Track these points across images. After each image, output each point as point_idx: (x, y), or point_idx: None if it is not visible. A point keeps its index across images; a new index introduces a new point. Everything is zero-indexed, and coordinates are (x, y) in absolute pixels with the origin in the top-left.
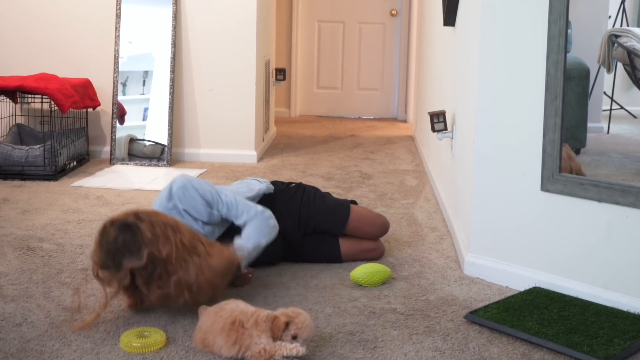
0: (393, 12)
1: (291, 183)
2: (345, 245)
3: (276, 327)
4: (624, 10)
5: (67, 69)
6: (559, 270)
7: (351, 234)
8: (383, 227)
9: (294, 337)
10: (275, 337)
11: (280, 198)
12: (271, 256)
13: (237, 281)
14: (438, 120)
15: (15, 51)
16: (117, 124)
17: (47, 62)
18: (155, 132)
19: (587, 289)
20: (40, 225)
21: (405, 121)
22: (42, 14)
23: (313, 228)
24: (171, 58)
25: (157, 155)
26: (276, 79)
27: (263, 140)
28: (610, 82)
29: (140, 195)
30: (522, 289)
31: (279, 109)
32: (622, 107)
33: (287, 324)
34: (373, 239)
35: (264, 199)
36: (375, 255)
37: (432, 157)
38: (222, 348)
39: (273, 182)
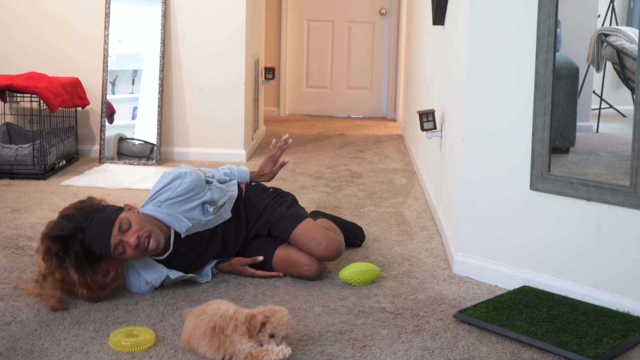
0: (382, 11)
1: (270, 188)
2: (280, 253)
3: (252, 326)
4: (613, 9)
5: (56, 68)
6: (548, 270)
7: (297, 247)
8: (327, 248)
9: (271, 336)
10: (251, 337)
11: (255, 190)
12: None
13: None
14: (427, 119)
15: (4, 50)
16: (107, 123)
17: (36, 61)
18: (145, 131)
19: (576, 288)
20: (30, 224)
21: (394, 120)
22: (31, 13)
23: (269, 228)
24: (160, 57)
25: (147, 154)
26: (265, 78)
27: (252, 139)
28: (599, 81)
29: (129, 194)
30: (511, 288)
31: (269, 108)
32: (611, 106)
33: (263, 324)
34: (319, 259)
35: (245, 193)
36: (306, 273)
37: (422, 156)
38: (206, 353)
39: (256, 184)
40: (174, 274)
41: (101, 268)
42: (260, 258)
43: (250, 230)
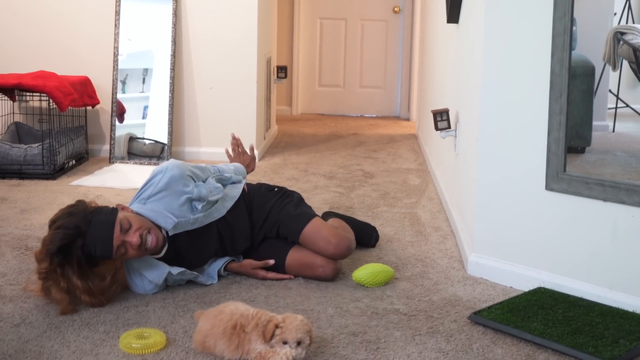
0: (396, 9)
1: (275, 187)
2: (294, 255)
3: (267, 330)
4: (629, 7)
5: (66, 67)
6: (564, 271)
7: (307, 247)
8: (337, 246)
9: (285, 342)
10: (266, 341)
11: (259, 191)
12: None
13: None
14: (441, 118)
15: (14, 49)
16: (117, 122)
17: (45, 59)
18: (155, 130)
19: (592, 290)
20: (39, 225)
21: (408, 119)
22: (40, 12)
23: (277, 230)
24: (171, 55)
25: (157, 154)
26: (277, 77)
27: (264, 138)
28: (615, 80)
29: None
30: (526, 290)
31: (281, 107)
32: (627, 105)
33: (277, 328)
34: (329, 258)
35: (248, 193)
36: (322, 274)
37: (436, 156)
38: (224, 352)
39: (259, 184)
40: (176, 270)
41: (97, 272)
42: (272, 261)
43: (258, 234)
